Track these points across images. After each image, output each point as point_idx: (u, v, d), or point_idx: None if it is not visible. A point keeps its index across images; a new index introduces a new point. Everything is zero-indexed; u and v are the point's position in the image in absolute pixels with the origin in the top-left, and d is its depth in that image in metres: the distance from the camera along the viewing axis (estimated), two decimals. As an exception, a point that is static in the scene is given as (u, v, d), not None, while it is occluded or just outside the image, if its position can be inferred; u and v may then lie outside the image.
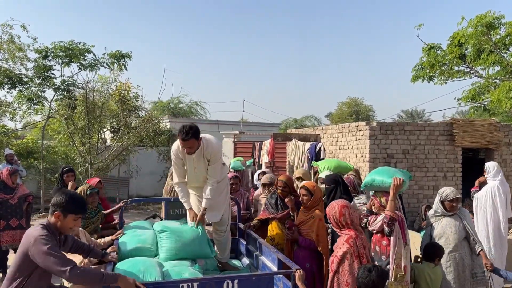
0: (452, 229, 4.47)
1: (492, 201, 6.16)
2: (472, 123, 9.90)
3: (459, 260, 4.46)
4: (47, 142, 14.58)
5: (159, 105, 34.19)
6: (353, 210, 3.66)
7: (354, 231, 3.57)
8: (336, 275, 3.55)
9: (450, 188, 4.63)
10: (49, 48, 13.10)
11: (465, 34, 11.47)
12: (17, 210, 6.85)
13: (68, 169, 6.14)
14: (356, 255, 3.48)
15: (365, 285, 3.04)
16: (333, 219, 3.67)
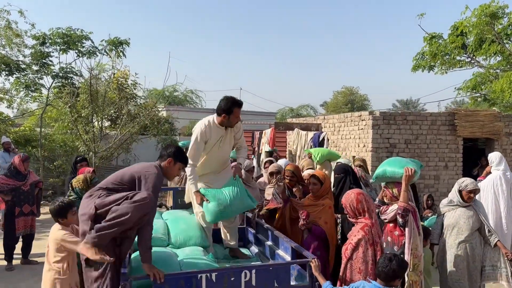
0: (466, 220, 4.49)
1: (494, 191, 6.19)
2: (474, 113, 9.94)
3: (470, 250, 4.48)
4: (45, 130, 14.43)
5: (154, 93, 33.96)
6: (368, 198, 3.65)
7: (370, 219, 3.56)
8: (350, 261, 3.55)
9: (470, 179, 4.63)
10: (47, 35, 12.89)
11: (469, 23, 11.43)
12: (29, 197, 6.85)
13: (82, 158, 6.13)
14: (371, 243, 3.48)
15: (386, 274, 3.04)
16: (350, 207, 3.65)
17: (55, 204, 3.86)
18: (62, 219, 3.83)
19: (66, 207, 3.85)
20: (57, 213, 3.83)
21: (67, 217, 3.84)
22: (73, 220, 3.86)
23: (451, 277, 4.52)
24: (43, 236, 8.55)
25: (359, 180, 5.12)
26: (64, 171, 13.62)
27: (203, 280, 3.07)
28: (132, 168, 3.40)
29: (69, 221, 3.86)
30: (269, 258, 4.37)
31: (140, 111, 12.51)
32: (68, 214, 3.84)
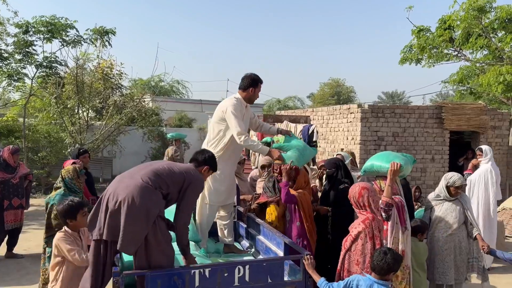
0: (453, 214, 4.55)
1: (484, 184, 6.29)
2: (460, 107, 10.04)
3: (457, 243, 4.56)
4: (29, 120, 14.14)
5: (139, 83, 33.53)
6: (374, 193, 3.65)
7: (372, 213, 3.58)
8: (348, 252, 3.57)
9: (457, 175, 4.67)
10: (30, 23, 12.55)
11: (457, 17, 11.50)
12: (18, 190, 6.74)
13: (84, 151, 6.00)
14: (371, 236, 3.50)
15: (381, 268, 3.06)
16: (353, 200, 3.68)
17: (64, 204, 3.58)
18: (71, 220, 3.57)
19: (76, 207, 3.58)
20: (65, 213, 3.55)
21: (77, 218, 3.57)
22: (83, 222, 3.58)
23: (438, 270, 4.58)
24: (28, 229, 8.43)
25: (350, 174, 5.11)
26: (49, 162, 13.40)
27: (197, 276, 3.04)
28: (181, 170, 3.23)
29: (78, 223, 3.59)
30: (259, 252, 4.36)
31: (127, 101, 12.34)
32: (78, 215, 3.57)
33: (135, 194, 2.90)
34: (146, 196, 2.93)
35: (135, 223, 2.88)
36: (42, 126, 13.53)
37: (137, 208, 2.88)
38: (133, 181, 3.00)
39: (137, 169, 3.21)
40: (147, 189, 2.97)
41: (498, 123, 10.57)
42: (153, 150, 16.67)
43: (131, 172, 3.17)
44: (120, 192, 2.95)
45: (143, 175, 3.04)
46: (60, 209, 3.59)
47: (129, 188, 2.94)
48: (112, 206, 2.94)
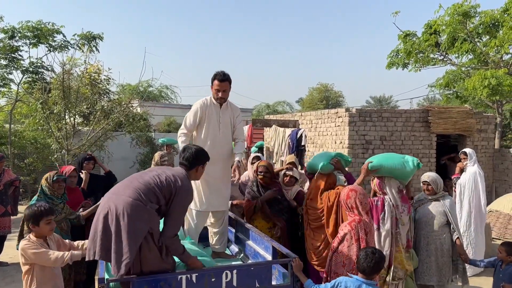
0: (433, 215, 4.59)
1: (475, 187, 6.36)
2: (447, 110, 10.14)
3: (439, 245, 4.58)
4: (15, 126, 13.98)
5: (127, 89, 33.33)
6: (362, 196, 3.68)
7: (359, 216, 3.61)
8: (335, 254, 3.62)
9: (429, 173, 4.82)
10: (16, 28, 12.47)
11: (442, 22, 11.66)
12: (3, 197, 6.65)
13: (90, 157, 5.87)
14: (356, 238, 3.53)
15: (371, 268, 3.09)
16: (342, 201, 3.76)
17: (30, 208, 3.51)
18: (33, 226, 3.45)
19: (41, 213, 3.45)
20: (29, 218, 3.46)
21: (39, 225, 3.45)
22: (46, 230, 3.49)
23: (418, 270, 4.63)
24: (14, 236, 8.28)
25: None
26: (35, 168, 13.23)
27: (183, 281, 3.01)
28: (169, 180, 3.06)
29: (41, 230, 3.47)
30: (248, 257, 4.34)
31: (114, 107, 12.25)
32: (41, 222, 3.45)
33: (124, 211, 2.82)
34: (134, 214, 2.84)
35: (123, 241, 2.80)
36: (29, 132, 13.38)
37: (126, 226, 2.80)
38: (123, 197, 2.90)
39: (130, 181, 3.07)
40: (137, 206, 2.87)
41: (484, 126, 10.71)
42: (141, 155, 16.55)
43: (123, 186, 3.04)
44: (111, 210, 2.87)
45: (134, 190, 2.93)
46: (26, 213, 3.51)
47: (119, 205, 2.86)
48: (102, 224, 2.86)
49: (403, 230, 4.17)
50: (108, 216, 2.86)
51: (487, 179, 10.79)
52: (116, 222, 2.82)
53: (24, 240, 3.44)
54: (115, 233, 2.81)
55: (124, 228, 2.80)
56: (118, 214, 2.83)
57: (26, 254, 3.38)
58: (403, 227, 4.16)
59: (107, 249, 2.83)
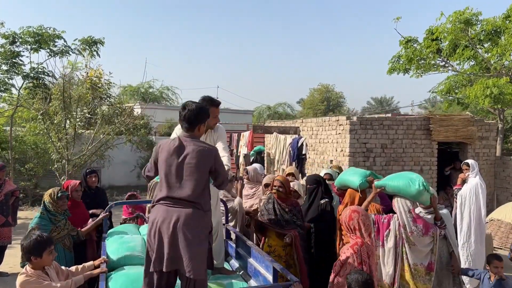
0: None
1: (476, 198, 6.34)
2: (448, 118, 10.12)
3: (437, 257, 4.54)
4: (15, 129, 13.97)
5: (128, 90, 33.33)
6: (364, 217, 3.66)
7: (361, 238, 3.59)
8: (337, 277, 3.58)
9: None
10: (17, 34, 12.48)
11: (444, 29, 11.62)
12: (3, 207, 6.60)
13: (92, 171, 5.86)
14: (359, 261, 3.52)
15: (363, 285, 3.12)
16: (344, 223, 3.70)
17: (31, 239, 3.23)
18: (36, 257, 3.22)
19: (44, 244, 3.24)
20: (31, 250, 3.20)
21: (42, 256, 3.23)
22: (49, 260, 3.30)
23: None
24: (14, 244, 8.29)
25: (330, 191, 5.14)
26: (36, 173, 13.23)
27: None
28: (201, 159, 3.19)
29: (43, 262, 3.26)
30: (249, 274, 4.32)
31: (115, 113, 12.23)
32: (45, 253, 3.24)
33: (189, 221, 2.99)
34: (196, 221, 3.03)
35: (201, 247, 3.02)
36: (29, 137, 13.38)
37: (198, 234, 3.02)
38: (180, 208, 3.04)
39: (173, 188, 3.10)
40: (195, 214, 3.04)
41: (485, 133, 10.68)
42: (142, 159, 16.58)
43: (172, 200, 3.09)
44: (170, 222, 3.00)
45: (187, 198, 3.05)
46: (26, 244, 3.23)
47: (180, 216, 3.00)
48: (169, 236, 2.97)
49: (414, 251, 4.11)
50: (171, 229, 2.98)
51: (489, 187, 10.77)
52: (185, 233, 2.96)
53: (22, 275, 3.22)
54: (187, 243, 2.95)
55: (195, 236, 2.99)
56: (181, 226, 2.97)
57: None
58: (413, 247, 4.10)
59: (175, 258, 2.97)
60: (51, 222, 4.51)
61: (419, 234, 4.07)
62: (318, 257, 4.74)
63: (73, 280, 3.37)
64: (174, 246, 2.96)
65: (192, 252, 2.94)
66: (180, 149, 3.15)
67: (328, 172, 5.83)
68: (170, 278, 3.11)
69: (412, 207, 4.16)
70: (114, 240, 4.34)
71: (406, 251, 4.11)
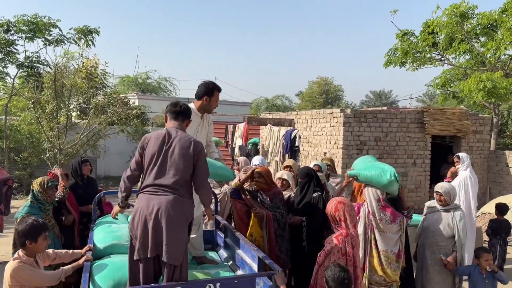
0: (440, 225, 4.56)
1: (465, 191, 6.35)
2: (442, 111, 10.14)
3: (444, 256, 4.55)
4: (10, 118, 13.93)
5: (126, 80, 33.25)
6: (350, 208, 3.68)
7: (346, 229, 3.61)
8: (321, 267, 3.61)
9: (445, 183, 4.79)
10: (11, 22, 12.37)
11: (439, 23, 11.60)
12: None
13: (85, 160, 5.87)
14: (343, 252, 3.54)
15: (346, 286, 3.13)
16: (330, 214, 3.73)
17: (27, 223, 3.21)
18: (31, 242, 3.19)
19: (40, 228, 3.23)
20: (27, 233, 3.18)
21: (37, 241, 3.21)
22: (42, 246, 3.28)
23: (424, 278, 4.67)
24: (7, 232, 8.31)
25: (322, 184, 5.13)
26: (31, 163, 13.23)
27: (166, 295, 3.02)
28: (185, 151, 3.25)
29: (37, 247, 3.24)
30: (236, 264, 4.34)
31: (110, 102, 12.20)
32: (40, 238, 3.22)
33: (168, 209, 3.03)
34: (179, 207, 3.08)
35: (176, 233, 3.03)
36: (24, 126, 13.35)
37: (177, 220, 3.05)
38: (163, 196, 3.09)
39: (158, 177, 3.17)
40: (178, 201, 3.10)
41: (479, 127, 10.71)
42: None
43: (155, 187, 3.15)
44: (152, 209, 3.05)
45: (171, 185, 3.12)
46: (22, 228, 3.21)
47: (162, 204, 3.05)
48: (152, 223, 3.02)
49: (384, 238, 4.17)
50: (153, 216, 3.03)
51: (482, 181, 10.82)
52: (164, 220, 3.01)
53: (15, 261, 3.17)
54: (166, 229, 3.00)
55: (173, 223, 3.03)
56: (162, 213, 3.02)
57: (19, 276, 3.14)
58: (383, 234, 4.16)
59: (157, 244, 3.03)
60: (40, 211, 4.52)
61: (387, 221, 4.15)
62: (310, 250, 4.74)
63: (64, 270, 3.38)
64: (157, 232, 3.01)
65: (170, 238, 2.99)
66: (167, 138, 3.23)
67: (317, 163, 5.83)
68: (155, 266, 3.12)
69: (382, 196, 4.26)
70: (102, 229, 4.35)
71: (376, 238, 4.16)
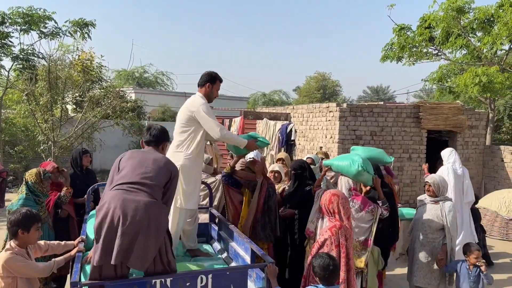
0: (429, 217, 4.59)
1: None
2: (438, 106, 10.15)
3: (433, 248, 4.58)
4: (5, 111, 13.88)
5: (123, 74, 33.11)
6: (344, 201, 3.69)
7: (340, 221, 3.62)
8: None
9: (435, 175, 4.81)
10: (6, 14, 12.28)
11: (436, 17, 11.58)
12: None
13: (86, 151, 5.88)
14: (336, 244, 3.54)
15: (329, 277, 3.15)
16: (324, 206, 3.74)
17: (20, 212, 3.24)
18: (23, 231, 3.20)
19: (33, 218, 3.25)
20: (19, 223, 3.18)
21: (30, 231, 3.22)
22: (34, 237, 3.28)
23: (411, 270, 4.72)
24: (1, 225, 8.30)
25: (315, 176, 5.14)
26: (26, 156, 13.18)
27: (158, 286, 3.01)
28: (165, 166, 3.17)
29: (29, 237, 3.25)
30: (230, 256, 4.35)
31: (106, 95, 12.14)
32: (32, 228, 3.23)
33: (146, 212, 2.83)
34: (156, 212, 2.89)
35: (148, 240, 2.83)
36: (19, 119, 13.29)
37: (148, 225, 2.83)
38: (140, 197, 2.88)
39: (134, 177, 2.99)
40: (155, 205, 2.92)
41: (475, 122, 10.73)
42: (133, 144, 16.54)
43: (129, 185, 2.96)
44: (126, 211, 2.81)
45: (147, 189, 2.94)
46: (15, 217, 3.22)
47: (136, 205, 2.83)
48: (120, 226, 2.79)
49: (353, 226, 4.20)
50: (123, 218, 2.79)
51: (477, 175, 10.85)
52: (138, 222, 2.79)
53: (7, 252, 3.16)
54: (136, 232, 2.79)
55: (149, 227, 2.83)
56: (137, 215, 2.80)
57: (11, 267, 3.12)
58: (352, 221, 4.19)
59: (126, 250, 2.80)
60: (35, 203, 4.51)
61: (357, 210, 4.22)
62: (302, 243, 4.76)
63: (56, 261, 3.36)
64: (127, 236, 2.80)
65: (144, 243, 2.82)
66: (146, 153, 3.25)
67: (310, 156, 5.85)
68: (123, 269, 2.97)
69: (353, 185, 4.42)
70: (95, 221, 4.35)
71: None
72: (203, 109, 4.07)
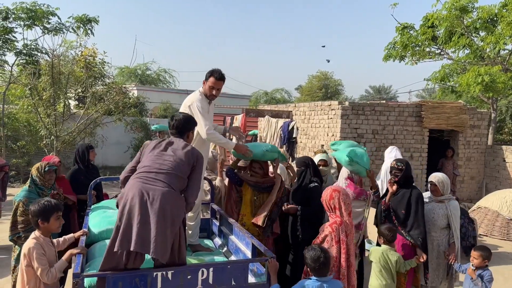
0: (434, 215, 4.59)
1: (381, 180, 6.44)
2: (440, 105, 10.14)
3: (435, 246, 4.60)
4: (8, 106, 13.89)
5: (125, 71, 33.09)
6: (345, 197, 3.70)
7: (341, 217, 3.62)
8: None
9: (438, 173, 4.78)
10: (10, 9, 12.31)
11: (439, 16, 11.55)
12: None
13: (91, 146, 5.90)
14: (337, 240, 3.55)
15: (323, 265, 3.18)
16: (325, 202, 3.75)
17: (39, 203, 3.34)
18: (43, 222, 3.30)
19: (52, 208, 3.34)
20: (39, 213, 3.29)
21: (50, 221, 3.31)
22: (55, 226, 3.38)
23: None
24: (4, 219, 8.32)
25: (319, 172, 5.14)
26: (28, 151, 13.21)
27: (159, 278, 3.03)
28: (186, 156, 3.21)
29: (50, 226, 3.34)
30: (231, 251, 4.37)
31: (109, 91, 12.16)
32: (52, 217, 3.33)
33: (162, 201, 2.89)
34: (171, 202, 2.94)
35: (164, 229, 2.87)
36: (22, 114, 13.33)
37: (164, 214, 2.88)
38: (157, 187, 2.96)
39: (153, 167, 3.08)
40: (172, 194, 2.97)
41: (477, 122, 10.72)
42: (136, 140, 16.55)
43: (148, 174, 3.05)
44: (143, 200, 2.90)
45: (164, 178, 3.01)
46: (34, 208, 3.33)
47: (154, 195, 2.91)
48: (136, 214, 2.87)
49: None
50: (144, 205, 2.88)
51: (478, 175, 10.85)
52: (157, 211, 2.86)
53: (31, 240, 3.27)
54: (157, 222, 2.84)
55: (165, 217, 2.88)
56: (156, 203, 2.87)
57: (30, 255, 3.20)
58: None
59: (144, 239, 2.85)
60: (38, 195, 4.52)
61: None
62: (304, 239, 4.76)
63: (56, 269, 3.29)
64: (145, 225, 2.86)
65: (161, 233, 2.86)
66: (169, 143, 3.28)
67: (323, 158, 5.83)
68: (137, 258, 3.03)
69: (348, 175, 4.70)
70: (97, 214, 4.37)
71: None
72: (197, 104, 4.20)
